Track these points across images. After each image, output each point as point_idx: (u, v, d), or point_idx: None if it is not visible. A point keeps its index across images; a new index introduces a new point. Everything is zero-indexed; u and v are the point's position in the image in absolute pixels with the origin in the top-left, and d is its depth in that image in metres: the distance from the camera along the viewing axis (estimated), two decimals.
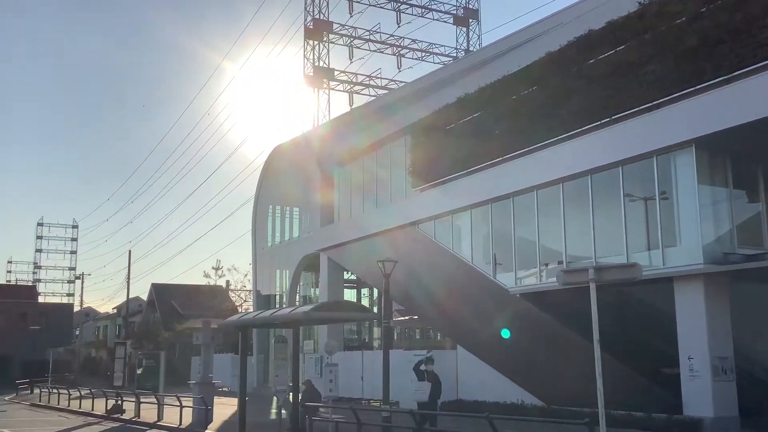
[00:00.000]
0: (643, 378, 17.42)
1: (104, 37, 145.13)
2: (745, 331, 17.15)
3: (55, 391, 34.08)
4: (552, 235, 20.21)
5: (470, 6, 44.46)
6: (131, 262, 47.91)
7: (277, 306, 35.97)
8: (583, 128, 18.60)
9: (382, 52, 42.46)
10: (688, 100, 16.09)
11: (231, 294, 57.33)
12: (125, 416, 24.50)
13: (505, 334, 21.25)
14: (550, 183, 19.79)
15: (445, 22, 43.83)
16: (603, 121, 18.11)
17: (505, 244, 21.82)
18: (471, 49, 42.76)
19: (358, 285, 38.20)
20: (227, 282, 56.56)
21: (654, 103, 16.84)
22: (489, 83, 22.10)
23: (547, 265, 20.33)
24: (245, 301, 55.01)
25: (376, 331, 36.58)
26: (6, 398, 38.75)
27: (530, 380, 20.72)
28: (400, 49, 42.40)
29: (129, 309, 60.61)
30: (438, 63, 42.14)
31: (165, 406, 23.21)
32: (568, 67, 19.32)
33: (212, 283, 55.76)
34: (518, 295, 20.87)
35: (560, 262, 19.47)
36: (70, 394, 32.25)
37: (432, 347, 26.31)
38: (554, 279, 18.99)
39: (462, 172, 23.11)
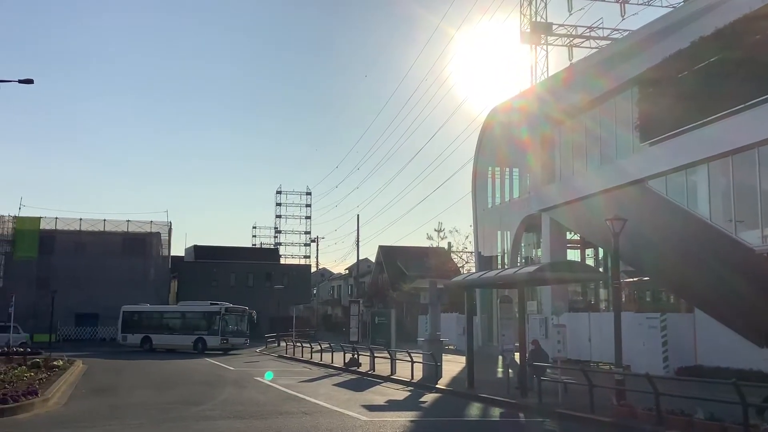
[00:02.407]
0: None
1: (327, 6, 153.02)
2: None
3: (298, 344, 37.38)
4: None
5: None
6: (359, 225, 50.74)
7: (499, 267, 36.15)
8: None
9: (603, 0, 40.18)
10: None
11: (453, 255, 58.60)
12: (361, 369, 26.23)
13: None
14: None
15: None
16: None
17: (749, 199, 19.98)
18: None
19: (581, 245, 37.09)
20: (449, 244, 57.95)
21: None
22: (728, 23, 20.11)
23: None
24: (467, 262, 56.04)
25: (603, 293, 35.40)
26: (257, 350, 43.17)
27: None
28: None
29: (359, 270, 64.53)
30: (667, 6, 38.95)
31: (396, 361, 24.47)
32: None
33: (435, 244, 57.42)
34: (765, 254, 19.08)
35: None
36: (311, 348, 35.19)
37: (665, 310, 24.98)
38: None
39: (697, 123, 21.40)
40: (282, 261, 79.14)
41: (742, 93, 19.50)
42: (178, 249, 71.27)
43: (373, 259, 72.18)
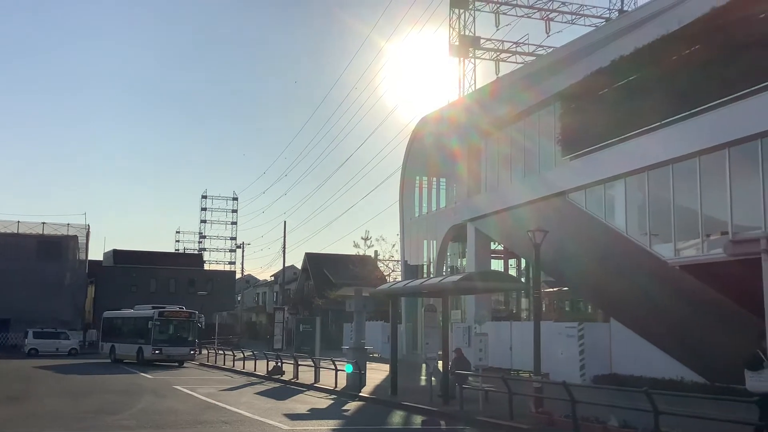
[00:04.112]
0: None
1: (257, 11, 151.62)
2: None
3: (221, 352, 36.68)
4: (716, 203, 18.99)
5: None
6: (286, 232, 50.34)
7: (425, 276, 36.48)
8: (754, 88, 17.21)
9: (529, 17, 41.32)
10: None
11: (379, 264, 58.72)
12: (284, 377, 25.95)
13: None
14: (715, 148, 18.52)
15: None
16: None
17: (663, 213, 20.79)
18: (626, 9, 40.64)
19: (505, 255, 37.90)
20: (375, 252, 57.98)
21: None
22: (646, 44, 20.93)
23: (709, 235, 19.18)
24: (393, 270, 56.18)
25: (524, 302, 36.21)
26: None
27: (691, 356, 19.75)
28: (548, 12, 41.03)
29: (285, 277, 63.92)
30: (589, 26, 40.42)
31: (321, 369, 24.33)
32: (736, 22, 17.90)
33: (361, 252, 57.37)
34: (677, 267, 19.87)
35: (725, 233, 18.30)
36: (234, 355, 34.58)
37: (583, 319, 25.72)
38: (718, 250, 18.01)
39: (616, 139, 22.17)
40: (206, 267, 77.71)
41: (659, 111, 20.32)
42: (96, 253, 69.08)
43: (299, 266, 71.63)
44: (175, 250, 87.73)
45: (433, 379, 18.77)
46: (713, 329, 18.86)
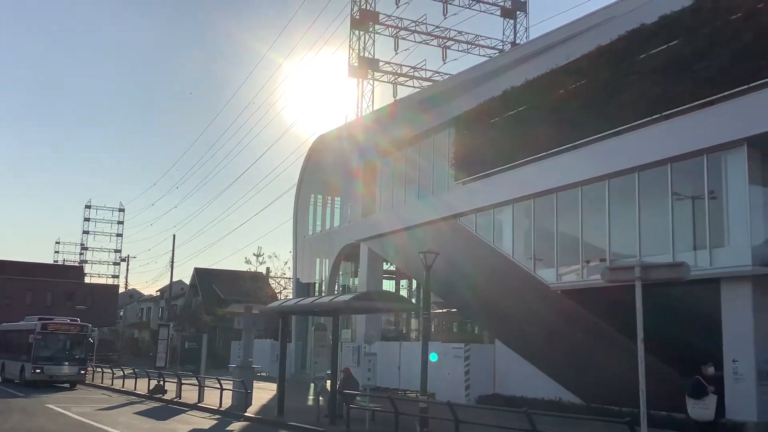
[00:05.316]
0: (685, 379, 17.10)
1: (154, 24, 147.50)
2: None
3: (98, 369, 34.93)
4: (595, 231, 19.97)
5: None
6: (175, 246, 48.85)
7: (316, 294, 36.28)
8: (632, 124, 18.33)
9: (427, 44, 42.31)
10: (742, 97, 15.73)
11: (271, 281, 57.88)
12: (167, 396, 25.01)
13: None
14: (596, 179, 19.55)
15: (492, 14, 43.44)
16: (653, 117, 17.82)
17: (547, 239, 21.64)
18: (518, 41, 42.32)
19: (397, 276, 38.30)
20: (267, 269, 57.09)
21: (707, 100, 16.51)
22: (536, 76, 21.88)
23: (588, 262, 20.12)
24: (285, 288, 55.50)
25: (414, 323, 36.64)
26: None
27: (569, 378, 20.55)
28: (445, 40, 42.16)
29: (172, 292, 61.84)
30: (484, 56, 41.82)
31: (205, 388, 23.63)
32: (618, 61, 19.03)
33: (253, 269, 56.34)
34: (559, 292, 20.70)
35: (603, 260, 19.25)
36: (113, 373, 33.01)
37: (469, 341, 26.28)
38: (597, 276, 18.86)
39: (505, 166, 22.96)
40: (87, 280, 74.37)
41: (546, 141, 21.22)
42: None
43: (188, 281, 69.63)
44: (54, 261, 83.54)
45: (321, 398, 18.61)
46: (591, 352, 19.73)
